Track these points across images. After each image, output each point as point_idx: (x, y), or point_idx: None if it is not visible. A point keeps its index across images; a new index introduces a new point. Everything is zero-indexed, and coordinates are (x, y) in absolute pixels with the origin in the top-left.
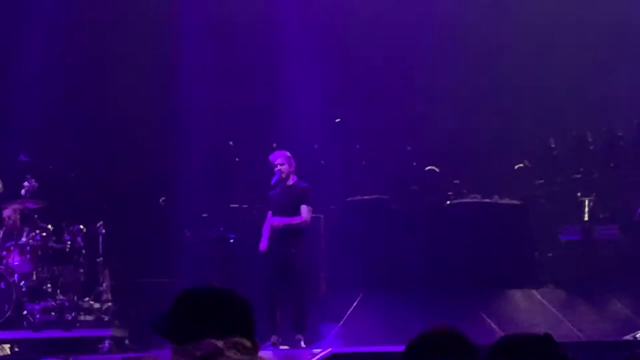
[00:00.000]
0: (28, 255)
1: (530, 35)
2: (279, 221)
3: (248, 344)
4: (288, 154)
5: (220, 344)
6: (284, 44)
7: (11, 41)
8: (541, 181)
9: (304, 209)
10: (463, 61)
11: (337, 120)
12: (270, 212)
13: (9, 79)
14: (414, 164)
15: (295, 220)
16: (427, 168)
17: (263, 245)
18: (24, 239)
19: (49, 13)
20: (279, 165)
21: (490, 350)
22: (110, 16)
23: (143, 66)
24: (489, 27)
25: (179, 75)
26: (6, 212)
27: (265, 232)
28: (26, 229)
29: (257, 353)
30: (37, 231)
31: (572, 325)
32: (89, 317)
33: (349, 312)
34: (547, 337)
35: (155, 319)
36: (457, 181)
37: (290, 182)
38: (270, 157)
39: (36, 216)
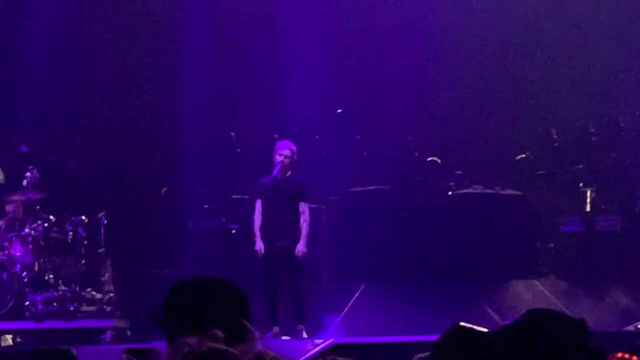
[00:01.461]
0: (30, 246)
1: (532, 26)
2: (303, 247)
3: (220, 334)
4: (294, 147)
5: (192, 341)
6: (285, 35)
7: (14, 32)
8: (543, 172)
9: (306, 207)
10: (465, 52)
11: (339, 111)
12: (259, 201)
13: (11, 70)
14: (416, 154)
15: (308, 229)
16: (429, 159)
17: (259, 245)
18: (26, 230)
19: (53, 4)
20: (283, 157)
21: (517, 325)
22: (113, 8)
23: (145, 57)
24: (490, 18)
25: (180, 66)
26: (10, 207)
27: (257, 231)
28: (28, 219)
29: (242, 343)
30: (39, 222)
31: (573, 316)
32: (90, 308)
33: (351, 303)
34: (581, 324)
35: (153, 312)
36: (458, 172)
37: (287, 174)
38: (278, 144)
39: (38, 207)
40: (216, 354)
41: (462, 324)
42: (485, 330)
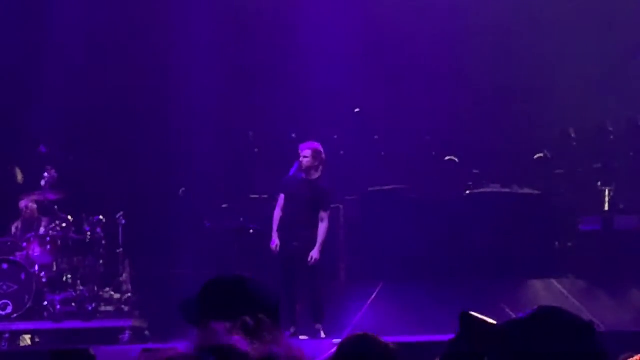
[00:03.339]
0: (48, 246)
1: (550, 25)
2: (317, 254)
3: (252, 323)
4: (318, 148)
5: (223, 327)
6: (303, 34)
7: (33, 32)
8: (561, 171)
9: (326, 215)
10: (483, 51)
11: (356, 110)
12: (282, 195)
13: (29, 71)
14: (433, 154)
15: (324, 236)
16: (447, 158)
17: (274, 242)
18: (43, 230)
19: (72, 7)
20: (302, 157)
21: (525, 320)
22: (130, 8)
23: (163, 57)
24: (508, 17)
25: (198, 65)
26: (23, 203)
27: (275, 226)
28: (46, 219)
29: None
30: (57, 222)
31: (592, 315)
32: (109, 308)
33: (368, 303)
34: (589, 326)
35: (185, 305)
36: (476, 171)
37: (312, 176)
38: (300, 145)
39: (56, 207)
40: (225, 349)
41: (471, 313)
42: (493, 322)
